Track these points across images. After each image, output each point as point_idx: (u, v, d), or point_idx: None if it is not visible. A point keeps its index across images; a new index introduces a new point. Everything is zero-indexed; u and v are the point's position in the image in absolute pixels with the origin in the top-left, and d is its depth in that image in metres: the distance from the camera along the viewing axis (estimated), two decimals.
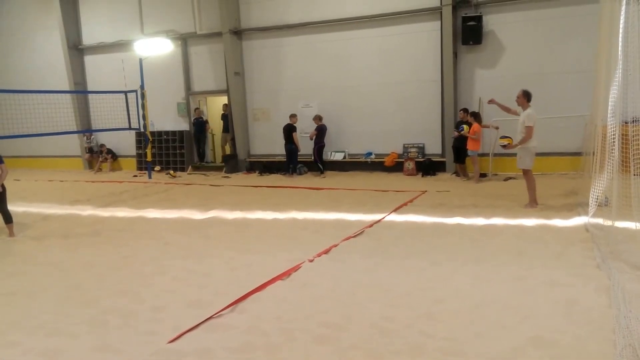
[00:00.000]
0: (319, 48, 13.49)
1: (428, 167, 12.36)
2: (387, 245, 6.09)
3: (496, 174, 11.56)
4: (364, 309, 4.15)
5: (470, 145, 10.91)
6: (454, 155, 11.67)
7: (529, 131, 7.52)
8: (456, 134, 11.33)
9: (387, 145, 12.99)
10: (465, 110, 11.40)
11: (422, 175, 12.26)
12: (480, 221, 7.11)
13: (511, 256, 5.43)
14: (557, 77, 11.36)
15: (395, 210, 8.09)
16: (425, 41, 12.41)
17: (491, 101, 8.56)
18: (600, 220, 6.25)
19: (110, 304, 4.49)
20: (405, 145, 12.84)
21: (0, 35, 18.02)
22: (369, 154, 13.27)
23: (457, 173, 11.81)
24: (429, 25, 12.32)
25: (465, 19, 11.60)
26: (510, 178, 11.02)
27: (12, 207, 7.48)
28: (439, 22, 12.06)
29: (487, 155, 11.50)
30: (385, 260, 5.45)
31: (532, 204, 7.83)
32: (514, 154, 8.09)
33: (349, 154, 13.51)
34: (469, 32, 11.63)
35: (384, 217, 7.57)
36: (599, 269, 4.87)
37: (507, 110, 8.31)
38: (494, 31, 11.77)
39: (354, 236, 6.51)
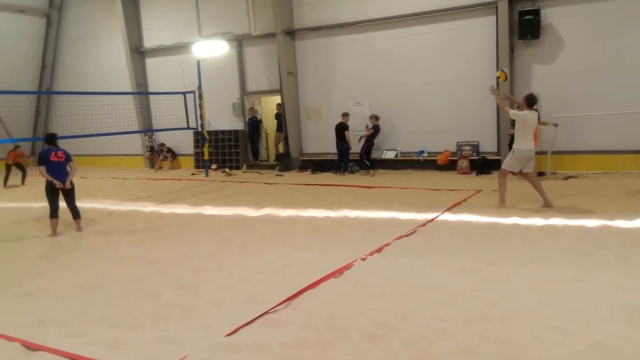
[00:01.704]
0: (371, 46, 13.44)
1: (483, 165, 12.06)
2: (440, 245, 6.01)
3: (555, 173, 11.11)
4: (416, 308, 4.13)
5: None
6: None
7: (506, 109, 7.76)
8: (513, 130, 10.95)
9: (440, 143, 12.77)
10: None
11: (477, 174, 11.96)
12: (538, 221, 6.86)
13: (571, 258, 5.23)
14: (618, 72, 10.79)
15: (449, 209, 7.96)
16: (479, 37, 12.10)
17: (495, 92, 8.24)
18: None
19: (171, 297, 4.68)
20: (459, 143, 12.58)
21: (69, 41, 19.08)
22: (421, 152, 13.10)
23: (513, 172, 11.40)
24: (483, 21, 12.00)
25: (522, 13, 11.22)
26: (570, 177, 10.59)
27: (79, 204, 7.92)
28: (494, 17, 11.72)
29: (545, 153, 11.06)
30: (438, 260, 5.39)
31: (502, 202, 7.81)
32: (576, 152, 7.77)
33: (400, 152, 13.39)
34: (526, 27, 11.23)
35: (437, 217, 7.47)
36: None
37: (510, 99, 8.38)
38: (552, 25, 11.32)
39: (406, 235, 6.46)
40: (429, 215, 7.53)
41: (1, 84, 16.97)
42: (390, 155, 13.47)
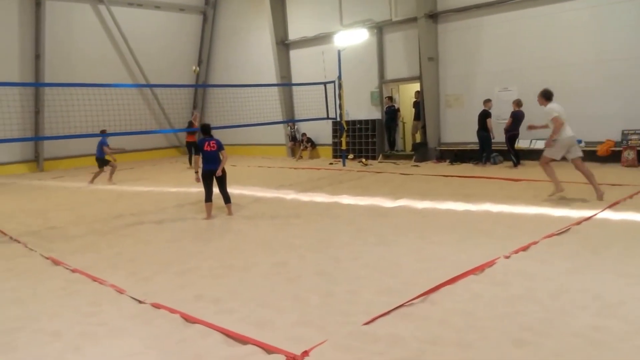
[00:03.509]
0: (521, 25, 12.48)
1: None
2: (599, 246, 5.41)
3: None
4: (568, 315, 3.78)
5: None
6: None
7: (555, 122, 7.58)
8: None
9: (601, 131, 11.43)
10: None
11: None
12: None
13: None
14: None
15: (611, 206, 7.14)
16: None
17: (531, 127, 8.51)
18: None
19: (310, 283, 4.86)
20: (625, 132, 11.15)
21: (222, 36, 20.70)
22: (578, 141, 11.79)
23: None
24: None
25: None
26: None
27: (230, 190, 8.57)
28: None
29: None
30: (595, 263, 4.87)
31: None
32: None
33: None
34: None
35: (595, 214, 6.74)
36: None
37: (545, 126, 8.04)
38: None
39: (558, 234, 5.93)
40: (586, 213, 6.83)
41: (163, 78, 19.05)
42: (540, 145, 12.40)
